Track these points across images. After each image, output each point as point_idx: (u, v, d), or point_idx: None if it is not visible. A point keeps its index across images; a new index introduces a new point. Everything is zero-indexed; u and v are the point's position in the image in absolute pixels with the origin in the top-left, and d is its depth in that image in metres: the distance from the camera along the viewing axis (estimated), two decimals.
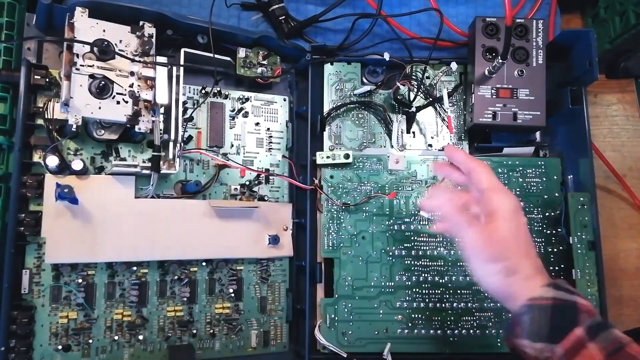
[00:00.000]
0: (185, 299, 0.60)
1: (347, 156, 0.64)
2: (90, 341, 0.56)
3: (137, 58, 0.55)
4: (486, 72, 0.64)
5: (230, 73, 0.65)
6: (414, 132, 0.69)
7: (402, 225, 0.64)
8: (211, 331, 0.61)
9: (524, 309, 0.45)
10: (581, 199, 0.62)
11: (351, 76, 0.68)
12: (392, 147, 0.68)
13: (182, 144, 0.58)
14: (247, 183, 0.64)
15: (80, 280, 0.56)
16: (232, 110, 0.65)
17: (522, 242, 0.47)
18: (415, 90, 0.67)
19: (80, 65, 0.52)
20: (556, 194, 0.66)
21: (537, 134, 0.70)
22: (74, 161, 0.54)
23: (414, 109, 0.67)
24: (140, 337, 0.58)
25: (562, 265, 0.64)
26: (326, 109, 0.67)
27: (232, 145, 0.65)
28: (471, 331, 0.62)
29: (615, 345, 0.41)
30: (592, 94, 0.78)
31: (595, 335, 0.42)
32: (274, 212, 0.64)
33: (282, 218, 0.65)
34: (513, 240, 0.47)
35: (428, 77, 0.70)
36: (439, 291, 0.63)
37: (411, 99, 0.67)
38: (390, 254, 0.64)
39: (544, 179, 0.66)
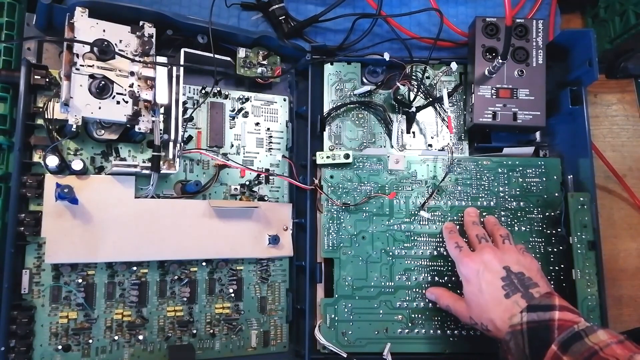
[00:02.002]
0: (185, 299, 0.60)
1: (347, 156, 0.64)
2: (90, 341, 0.56)
3: (137, 58, 0.55)
4: (486, 72, 0.64)
5: (230, 73, 0.65)
6: (414, 132, 0.69)
7: (402, 225, 0.64)
8: (211, 331, 0.61)
9: (507, 336, 0.49)
10: (581, 199, 0.62)
11: (351, 76, 0.68)
12: (392, 147, 0.68)
13: (182, 144, 0.58)
14: (247, 183, 0.64)
15: (80, 280, 0.56)
16: (232, 110, 0.65)
17: (490, 297, 0.52)
18: (415, 90, 0.67)
19: (80, 65, 0.52)
20: (556, 194, 0.66)
21: (537, 134, 0.70)
22: (74, 161, 0.54)
23: (414, 109, 0.67)
24: (140, 337, 0.58)
25: (562, 265, 0.64)
26: (326, 109, 0.67)
27: (232, 145, 0.65)
28: (471, 331, 0.62)
29: (587, 355, 0.43)
30: (592, 94, 0.78)
31: (567, 349, 0.44)
32: (274, 212, 0.64)
33: (282, 218, 0.65)
34: (479, 301, 0.53)
35: (428, 77, 0.70)
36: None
37: (411, 99, 0.67)
38: (390, 254, 0.64)
39: (544, 179, 0.66)
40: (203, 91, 0.64)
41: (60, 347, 0.55)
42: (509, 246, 0.57)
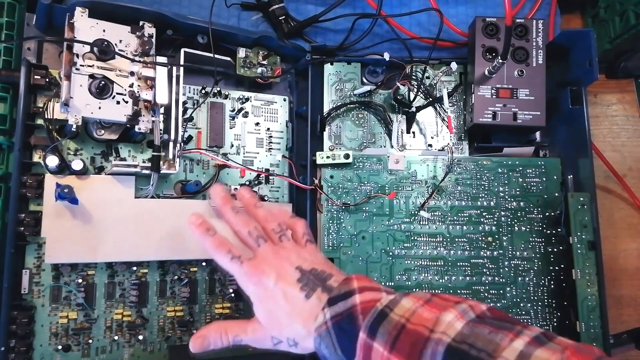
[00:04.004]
0: (185, 299, 0.60)
1: (347, 156, 0.64)
2: (90, 341, 0.56)
3: (137, 58, 0.55)
4: (486, 72, 0.64)
5: (230, 73, 0.65)
6: (414, 132, 0.69)
7: (402, 225, 0.64)
8: None
9: (316, 341, 0.42)
10: (581, 199, 0.62)
11: (351, 76, 0.68)
12: (392, 147, 0.68)
13: (182, 144, 0.58)
14: (247, 183, 0.64)
15: (80, 280, 0.56)
16: (232, 110, 0.65)
17: (290, 306, 0.44)
18: (415, 90, 0.68)
19: (80, 65, 0.52)
20: (556, 194, 0.66)
21: (537, 134, 0.70)
22: (74, 161, 0.54)
23: (414, 109, 0.67)
24: (140, 337, 0.58)
25: (562, 265, 0.64)
26: (326, 109, 0.67)
27: (232, 145, 0.65)
28: None
29: (395, 332, 0.38)
30: (592, 94, 0.78)
31: (374, 332, 0.39)
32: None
33: None
34: (279, 315, 0.44)
35: (428, 77, 0.70)
36: (439, 291, 0.63)
37: (411, 99, 0.67)
38: (390, 254, 0.64)
39: (544, 179, 0.66)
40: (203, 91, 0.64)
41: (60, 347, 0.55)
42: (288, 243, 0.48)
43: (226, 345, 0.46)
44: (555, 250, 0.65)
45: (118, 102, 0.54)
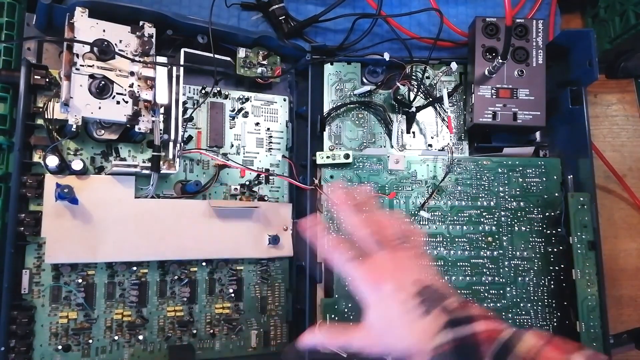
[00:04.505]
0: (185, 299, 0.60)
1: (347, 156, 0.64)
2: (90, 341, 0.56)
3: (137, 58, 0.55)
4: (486, 72, 0.64)
5: (230, 73, 0.65)
6: (414, 132, 0.69)
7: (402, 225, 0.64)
8: (211, 331, 0.61)
9: None
10: (581, 199, 0.62)
11: (351, 76, 0.68)
12: (392, 147, 0.68)
13: (182, 144, 0.58)
14: (247, 183, 0.64)
15: (80, 280, 0.56)
16: (232, 110, 0.65)
17: (405, 319, 0.42)
18: (415, 90, 0.67)
19: (80, 65, 0.52)
20: (556, 194, 0.66)
21: (537, 134, 0.70)
22: (74, 161, 0.54)
23: (414, 109, 0.67)
24: (140, 337, 0.58)
25: (562, 265, 0.64)
26: (326, 109, 0.67)
27: (232, 145, 0.65)
28: None
29: None
30: (592, 94, 0.78)
31: None
32: (274, 212, 0.64)
33: (282, 218, 0.65)
34: (392, 327, 0.43)
35: (428, 77, 0.70)
36: None
37: (411, 99, 0.67)
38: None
39: (544, 179, 0.66)
40: (203, 91, 0.64)
41: (60, 347, 0.55)
42: (407, 252, 0.46)
43: (333, 349, 0.45)
44: (555, 250, 0.65)
45: (118, 102, 0.54)
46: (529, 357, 0.38)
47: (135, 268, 0.58)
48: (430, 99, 0.69)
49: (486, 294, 0.64)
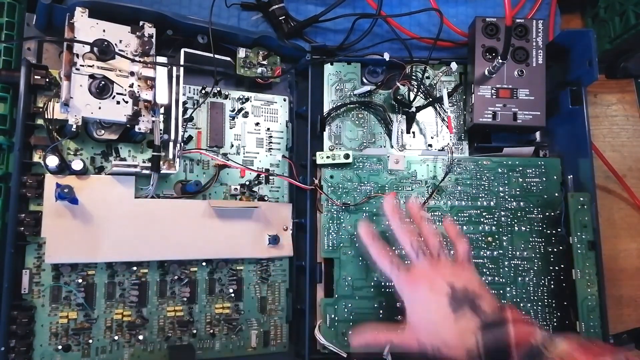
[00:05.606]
0: (185, 299, 0.60)
1: (347, 156, 0.64)
2: (90, 341, 0.56)
3: (137, 58, 0.55)
4: (486, 72, 0.64)
5: (230, 73, 0.65)
6: (414, 132, 0.69)
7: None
8: (211, 331, 0.61)
9: (465, 358, 0.45)
10: (581, 199, 0.62)
11: (351, 76, 0.68)
12: (392, 147, 0.68)
13: (182, 144, 0.58)
14: (247, 183, 0.64)
15: (80, 280, 0.56)
16: (232, 110, 0.65)
17: (439, 316, 0.48)
18: (415, 90, 0.68)
19: (80, 65, 0.52)
20: (556, 194, 0.66)
21: (537, 134, 0.70)
22: (74, 161, 0.54)
23: (413, 109, 0.67)
24: (140, 337, 0.58)
25: (562, 265, 0.64)
26: (326, 109, 0.67)
27: (232, 145, 0.65)
28: None
29: None
30: (592, 94, 0.78)
31: None
32: (274, 212, 0.64)
33: (282, 218, 0.65)
34: (428, 323, 0.49)
35: (428, 77, 0.70)
36: None
37: (411, 99, 0.67)
38: (390, 254, 0.63)
39: (544, 179, 0.66)
40: (203, 91, 0.64)
41: (60, 347, 0.55)
42: (446, 260, 0.53)
43: (380, 347, 0.52)
44: (555, 250, 0.65)
45: (118, 102, 0.54)
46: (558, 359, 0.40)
47: (135, 268, 0.58)
48: (430, 99, 0.69)
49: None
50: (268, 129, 0.67)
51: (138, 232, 0.57)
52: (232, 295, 0.62)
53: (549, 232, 0.65)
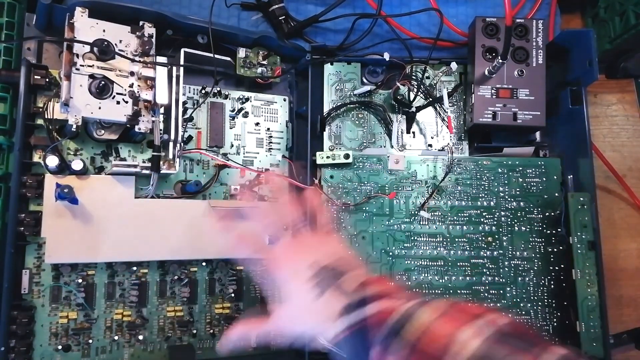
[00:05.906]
0: (185, 299, 0.60)
1: (347, 156, 0.64)
2: (90, 341, 0.56)
3: (137, 58, 0.55)
4: (486, 72, 0.64)
5: (230, 73, 0.65)
6: (414, 132, 0.69)
7: (402, 225, 0.64)
8: (211, 331, 0.61)
9: (333, 347, 0.40)
10: (581, 199, 0.62)
11: (351, 76, 0.68)
12: (392, 147, 0.68)
13: (182, 144, 0.58)
14: (248, 183, 0.64)
15: (80, 280, 0.56)
16: (232, 110, 0.65)
17: (303, 304, 0.42)
18: (415, 90, 0.67)
19: (80, 65, 0.52)
20: (556, 194, 0.66)
21: (537, 134, 0.70)
22: (74, 161, 0.54)
23: (414, 109, 0.67)
24: (140, 337, 0.58)
25: (562, 265, 0.64)
26: (326, 109, 0.67)
27: (232, 145, 0.65)
28: None
29: (406, 353, 0.34)
30: (592, 94, 0.78)
31: (387, 349, 0.35)
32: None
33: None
34: (293, 311, 0.43)
35: (428, 77, 0.70)
36: (439, 291, 0.63)
37: (411, 99, 0.67)
38: (390, 254, 0.64)
39: (544, 179, 0.66)
40: (203, 91, 0.64)
41: (60, 347, 0.55)
42: (309, 235, 0.47)
43: (251, 341, 0.47)
44: (555, 250, 0.65)
45: (118, 102, 0.54)
46: (413, 338, 0.34)
47: (135, 268, 0.58)
48: (430, 99, 0.69)
49: (486, 294, 0.64)
50: (268, 129, 0.67)
51: (138, 232, 0.57)
52: (232, 295, 0.62)
53: (549, 232, 0.65)
